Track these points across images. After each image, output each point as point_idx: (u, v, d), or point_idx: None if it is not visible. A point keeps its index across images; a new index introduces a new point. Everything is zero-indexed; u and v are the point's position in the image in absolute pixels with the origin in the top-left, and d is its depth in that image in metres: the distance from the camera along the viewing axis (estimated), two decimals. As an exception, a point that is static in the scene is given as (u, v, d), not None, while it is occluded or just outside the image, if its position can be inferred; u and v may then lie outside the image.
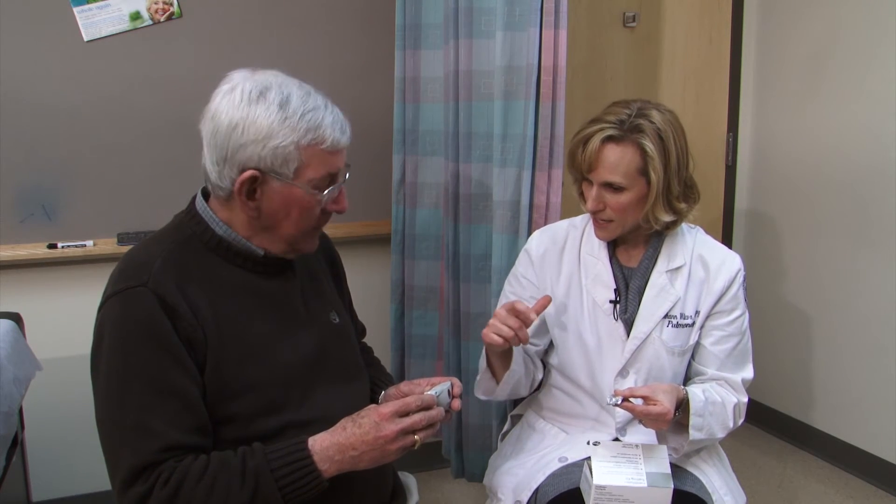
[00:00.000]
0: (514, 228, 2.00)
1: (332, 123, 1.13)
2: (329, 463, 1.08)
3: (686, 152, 1.45)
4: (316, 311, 1.27)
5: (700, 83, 2.91)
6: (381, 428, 1.09)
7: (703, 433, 1.41)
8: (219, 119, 1.11)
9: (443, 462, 2.41)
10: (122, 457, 1.04)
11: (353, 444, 1.09)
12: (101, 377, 1.09)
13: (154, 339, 1.07)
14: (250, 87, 1.12)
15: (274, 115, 1.09)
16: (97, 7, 2.06)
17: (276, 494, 1.05)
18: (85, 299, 2.06)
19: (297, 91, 1.13)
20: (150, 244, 1.18)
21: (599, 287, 1.51)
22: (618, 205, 1.43)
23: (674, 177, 1.42)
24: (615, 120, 1.41)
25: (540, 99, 1.92)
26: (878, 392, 2.45)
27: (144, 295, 1.08)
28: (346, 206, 1.21)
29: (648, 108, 1.43)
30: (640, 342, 1.48)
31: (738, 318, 1.51)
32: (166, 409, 1.06)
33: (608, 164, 1.41)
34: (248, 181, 1.11)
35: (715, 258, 1.52)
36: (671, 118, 1.44)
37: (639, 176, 1.41)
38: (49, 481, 2.17)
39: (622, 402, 1.32)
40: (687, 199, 1.47)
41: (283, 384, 1.17)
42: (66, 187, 2.10)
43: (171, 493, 1.02)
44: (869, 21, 2.41)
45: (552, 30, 1.90)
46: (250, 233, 1.18)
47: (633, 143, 1.40)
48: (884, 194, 2.38)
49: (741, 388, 1.51)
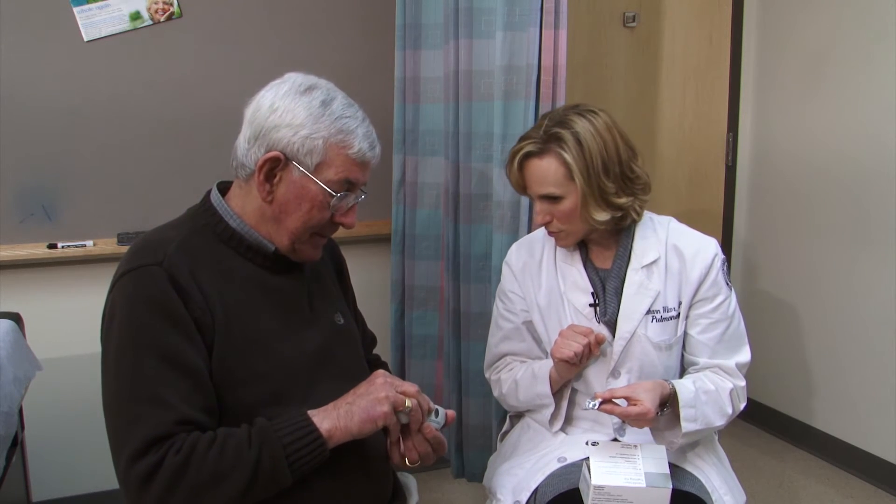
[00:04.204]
0: (514, 228, 2.01)
1: (363, 135, 1.18)
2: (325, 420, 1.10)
3: (618, 149, 1.44)
4: (321, 311, 1.28)
5: (700, 83, 2.91)
6: (372, 379, 1.15)
7: (698, 423, 1.41)
8: (263, 101, 1.17)
9: (443, 462, 2.41)
10: (136, 428, 1.04)
11: (347, 399, 1.13)
12: (112, 353, 1.09)
13: (167, 315, 1.08)
14: (300, 82, 1.18)
15: (314, 110, 1.15)
16: (97, 7, 2.06)
17: (280, 454, 1.06)
18: (85, 299, 2.07)
19: (342, 99, 1.19)
20: (165, 230, 1.20)
21: (577, 292, 1.52)
22: (561, 213, 1.46)
23: (602, 177, 1.42)
24: (535, 135, 1.45)
25: (540, 99, 1.92)
26: (878, 392, 2.45)
27: (158, 273, 1.09)
28: (355, 223, 1.24)
29: (570, 114, 1.44)
30: (627, 341, 1.48)
31: (721, 303, 1.50)
32: (179, 384, 1.07)
33: (536, 178, 1.46)
34: (271, 161, 1.15)
35: (689, 246, 1.51)
36: (595, 120, 1.43)
37: (570, 182, 1.43)
38: (49, 481, 2.17)
39: (601, 405, 1.33)
40: (629, 193, 1.46)
41: (286, 378, 1.17)
42: (66, 187, 2.10)
43: (182, 459, 1.03)
44: (869, 21, 2.41)
45: (552, 30, 1.90)
46: (259, 220, 1.20)
47: (552, 154, 1.43)
48: (884, 194, 2.38)
49: (736, 373, 1.50)
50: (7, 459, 1.58)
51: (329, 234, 1.25)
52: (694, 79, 2.90)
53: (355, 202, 1.22)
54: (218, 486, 1.04)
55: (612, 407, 1.33)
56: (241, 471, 1.05)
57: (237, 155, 1.19)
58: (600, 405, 1.34)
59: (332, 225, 1.22)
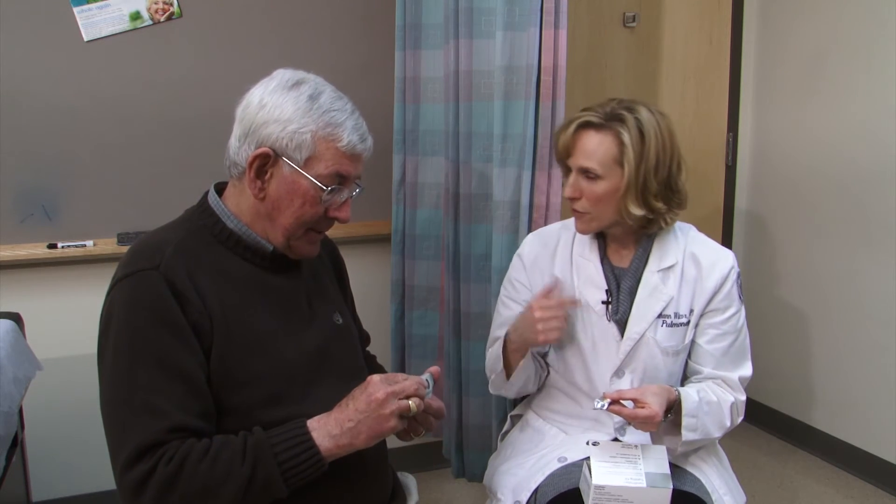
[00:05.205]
0: (514, 228, 2.01)
1: (353, 127, 1.17)
2: (328, 439, 1.09)
3: (672, 156, 1.44)
4: (319, 311, 1.28)
5: (700, 83, 2.91)
6: (372, 392, 1.10)
7: (698, 433, 1.41)
8: (252, 97, 1.17)
9: (443, 462, 2.41)
10: (128, 436, 1.04)
11: (349, 416, 1.10)
12: (109, 357, 1.09)
13: (163, 322, 1.07)
14: (288, 77, 1.18)
15: (301, 104, 1.15)
16: (97, 7, 2.06)
17: (275, 471, 1.05)
18: (85, 299, 2.07)
19: (330, 92, 1.18)
20: (162, 232, 1.20)
21: (591, 288, 1.51)
22: (592, 194, 1.44)
23: (651, 173, 1.41)
24: (600, 109, 1.43)
25: (540, 99, 1.92)
26: (878, 392, 2.45)
27: (155, 278, 1.09)
28: (349, 216, 1.23)
29: (638, 105, 1.44)
30: (634, 343, 1.48)
31: (732, 315, 1.50)
32: (174, 390, 1.06)
33: (584, 150, 1.43)
34: (261, 157, 1.15)
35: (707, 256, 1.51)
36: (661, 120, 1.44)
37: (615, 166, 1.42)
38: (49, 481, 2.17)
39: (610, 406, 1.33)
40: (667, 201, 1.46)
41: (285, 378, 1.17)
42: (66, 187, 2.10)
43: (174, 470, 1.03)
44: (869, 21, 2.41)
45: (552, 30, 1.90)
46: (254, 219, 1.20)
47: (612, 132, 1.41)
48: (883, 194, 2.38)
49: (738, 387, 1.50)
50: (7, 459, 1.58)
51: (324, 229, 1.24)
52: (694, 79, 2.89)
53: (349, 196, 1.21)
54: (207, 499, 1.04)
55: (620, 408, 1.33)
56: (233, 484, 1.04)
57: (230, 154, 1.19)
58: (609, 406, 1.33)
59: (327, 220, 1.22)
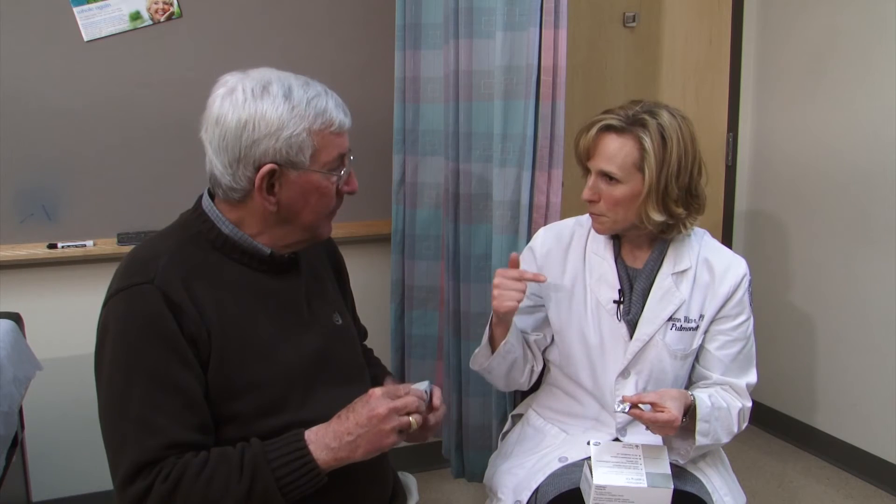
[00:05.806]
0: (514, 228, 2.00)
1: (335, 106, 1.16)
2: (326, 451, 1.08)
3: (694, 161, 1.44)
4: (319, 312, 1.28)
5: (700, 83, 2.91)
6: (373, 407, 1.10)
7: (709, 439, 1.40)
8: (225, 121, 1.11)
9: (443, 462, 2.41)
10: (125, 453, 1.04)
11: (349, 429, 1.09)
12: (105, 373, 1.09)
13: (158, 336, 1.07)
14: (251, 85, 1.13)
15: (282, 107, 1.11)
16: (97, 7, 2.06)
17: (272, 486, 1.05)
18: (85, 299, 2.07)
19: (296, 82, 1.15)
20: (156, 241, 1.19)
21: (604, 286, 1.51)
22: (610, 197, 1.43)
23: (672, 178, 1.40)
24: (622, 112, 1.42)
25: (540, 99, 1.92)
26: (879, 392, 2.45)
27: (150, 292, 1.08)
28: (357, 186, 1.23)
29: (660, 108, 1.43)
30: (643, 344, 1.47)
31: (743, 322, 1.50)
32: (169, 405, 1.06)
33: (605, 154, 1.42)
34: (268, 175, 1.12)
35: (721, 262, 1.51)
36: (683, 123, 1.43)
37: (635, 171, 1.41)
38: (49, 481, 2.17)
39: (630, 409, 1.32)
40: (687, 207, 1.45)
41: (285, 384, 1.17)
42: (66, 187, 2.10)
43: (171, 487, 1.03)
44: (869, 21, 2.41)
45: (552, 30, 1.90)
46: (264, 229, 1.18)
47: (633, 136, 1.40)
48: (884, 194, 2.38)
49: (745, 393, 1.50)
50: (7, 459, 1.58)
51: (339, 206, 1.24)
52: (694, 79, 2.89)
53: (350, 168, 1.22)
54: None
55: (641, 412, 1.32)
56: (231, 500, 1.04)
57: (221, 183, 1.15)
58: (629, 409, 1.32)
59: (340, 198, 1.22)
